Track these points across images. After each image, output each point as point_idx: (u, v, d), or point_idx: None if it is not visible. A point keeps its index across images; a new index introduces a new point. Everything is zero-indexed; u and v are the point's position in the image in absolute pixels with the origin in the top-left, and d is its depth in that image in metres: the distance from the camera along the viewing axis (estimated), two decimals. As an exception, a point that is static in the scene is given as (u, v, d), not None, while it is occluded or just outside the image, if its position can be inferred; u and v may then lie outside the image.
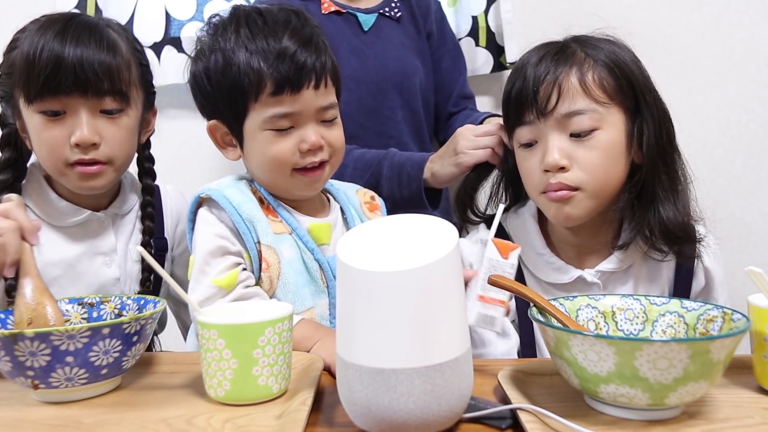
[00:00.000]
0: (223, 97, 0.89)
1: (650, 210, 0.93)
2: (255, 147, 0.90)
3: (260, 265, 0.89)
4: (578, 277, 0.98)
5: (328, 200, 1.02)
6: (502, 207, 0.82)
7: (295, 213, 0.95)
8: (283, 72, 0.85)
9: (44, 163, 0.96)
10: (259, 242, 0.89)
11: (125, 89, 0.95)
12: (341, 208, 1.01)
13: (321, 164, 0.91)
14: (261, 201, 0.93)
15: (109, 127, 0.95)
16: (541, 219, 1.03)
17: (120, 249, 1.03)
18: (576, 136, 0.91)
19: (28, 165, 1.02)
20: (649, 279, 0.99)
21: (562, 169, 0.91)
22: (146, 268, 1.05)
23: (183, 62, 1.48)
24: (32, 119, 0.93)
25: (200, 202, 0.92)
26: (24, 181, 1.01)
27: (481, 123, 1.23)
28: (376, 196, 1.07)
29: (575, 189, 0.92)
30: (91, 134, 0.92)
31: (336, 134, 0.93)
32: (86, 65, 0.90)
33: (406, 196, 1.16)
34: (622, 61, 0.94)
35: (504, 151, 1.07)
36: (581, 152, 0.91)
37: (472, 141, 1.11)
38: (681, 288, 1.00)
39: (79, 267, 0.99)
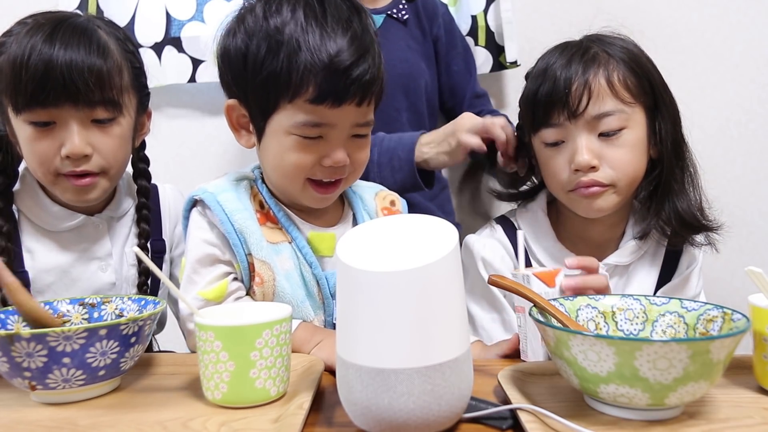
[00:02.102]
0: (256, 86, 0.81)
1: (666, 202, 0.98)
2: (274, 147, 0.83)
3: (251, 276, 0.85)
4: None
5: (343, 203, 0.96)
6: (521, 234, 0.84)
7: (297, 220, 0.89)
8: (329, 82, 0.77)
9: (35, 173, 0.94)
10: (250, 254, 0.85)
11: (117, 97, 0.92)
12: (354, 215, 0.95)
13: (336, 181, 0.86)
14: (261, 205, 0.89)
15: (101, 137, 0.92)
16: (551, 213, 1.06)
17: (116, 253, 1.02)
18: (605, 135, 0.94)
19: (20, 169, 1.00)
20: (646, 268, 1.04)
21: (593, 168, 0.94)
22: (143, 272, 1.03)
23: (183, 62, 1.50)
24: (21, 128, 0.90)
25: (195, 203, 0.88)
26: (17, 186, 0.99)
27: None
28: (399, 200, 1.02)
29: (607, 186, 0.95)
30: (83, 146, 0.89)
31: (363, 154, 0.86)
32: (76, 75, 0.86)
33: (400, 180, 1.16)
34: (639, 59, 0.97)
35: (516, 150, 1.10)
36: (610, 151, 0.94)
37: (473, 139, 1.10)
38: (666, 272, 1.04)
39: (74, 273, 0.98)
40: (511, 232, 1.06)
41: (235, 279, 0.86)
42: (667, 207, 0.97)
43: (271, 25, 0.78)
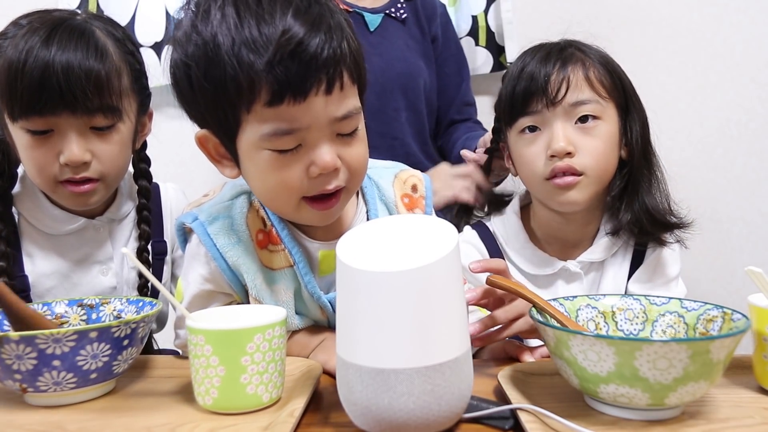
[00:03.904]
0: (208, 106, 0.69)
1: (636, 199, 1.00)
2: (252, 170, 0.72)
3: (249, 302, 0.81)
4: (561, 268, 1.03)
5: (357, 196, 0.85)
6: None
7: (304, 238, 0.80)
8: (282, 71, 0.64)
9: (33, 180, 0.92)
10: (246, 285, 0.79)
11: (116, 103, 0.89)
12: (368, 212, 0.84)
13: (336, 193, 0.73)
14: (263, 223, 0.80)
15: (100, 143, 0.90)
16: (524, 216, 1.09)
17: (117, 256, 1.01)
18: (581, 122, 0.97)
19: (20, 172, 0.98)
20: (617, 265, 1.05)
21: (568, 154, 0.96)
22: (143, 281, 1.02)
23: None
24: (18, 135, 0.89)
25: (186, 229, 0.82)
26: (17, 189, 0.98)
27: (475, 149, 1.29)
28: (421, 183, 0.90)
29: (580, 174, 0.97)
30: (82, 153, 0.88)
31: (356, 152, 0.72)
32: (73, 82, 0.84)
33: None
34: (612, 63, 1.02)
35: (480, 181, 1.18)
36: (585, 140, 0.97)
37: (447, 185, 1.18)
38: (636, 266, 1.06)
39: (74, 277, 0.97)
40: (486, 237, 1.08)
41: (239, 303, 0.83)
42: (637, 204, 1.00)
43: (202, 33, 0.66)
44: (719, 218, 1.62)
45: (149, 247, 1.02)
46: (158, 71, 1.45)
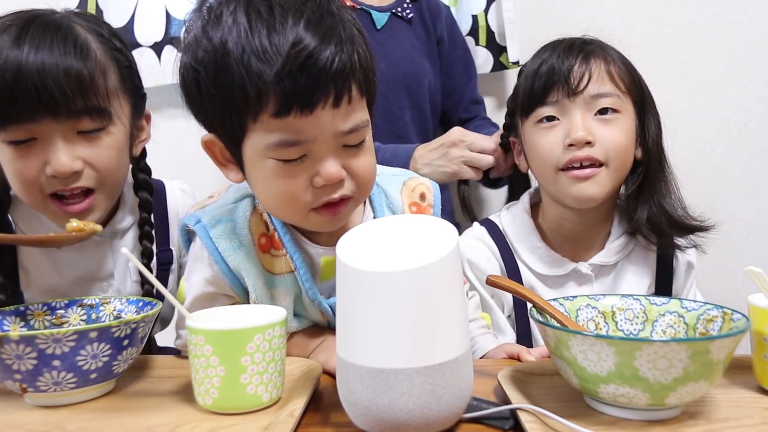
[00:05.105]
0: (215, 112, 0.69)
1: (653, 200, 1.00)
2: (257, 177, 0.71)
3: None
4: (573, 269, 1.02)
5: (364, 204, 0.85)
6: None
7: (307, 243, 0.80)
8: (290, 83, 0.63)
9: (21, 197, 0.84)
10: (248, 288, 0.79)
11: (103, 104, 0.81)
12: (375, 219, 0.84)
13: (342, 200, 0.72)
14: (266, 226, 0.80)
15: (90, 149, 0.81)
16: (535, 215, 1.08)
17: (118, 272, 0.95)
18: (601, 113, 0.97)
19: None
20: (635, 272, 1.04)
21: (588, 144, 0.96)
22: (147, 293, 0.95)
23: (183, 62, 1.50)
24: (0, 149, 0.81)
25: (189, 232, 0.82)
26: (15, 205, 0.91)
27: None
28: (430, 191, 0.89)
29: (601, 165, 0.96)
30: (71, 162, 0.79)
31: (362, 163, 0.71)
32: (50, 82, 0.75)
33: None
34: (632, 64, 1.02)
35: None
36: (605, 131, 0.97)
37: (467, 156, 1.14)
38: (663, 280, 1.05)
39: (72, 294, 0.91)
40: (495, 234, 1.07)
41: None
42: (654, 204, 0.99)
43: (212, 39, 0.66)
44: (719, 218, 1.61)
45: (153, 257, 0.98)
46: (158, 71, 1.46)
